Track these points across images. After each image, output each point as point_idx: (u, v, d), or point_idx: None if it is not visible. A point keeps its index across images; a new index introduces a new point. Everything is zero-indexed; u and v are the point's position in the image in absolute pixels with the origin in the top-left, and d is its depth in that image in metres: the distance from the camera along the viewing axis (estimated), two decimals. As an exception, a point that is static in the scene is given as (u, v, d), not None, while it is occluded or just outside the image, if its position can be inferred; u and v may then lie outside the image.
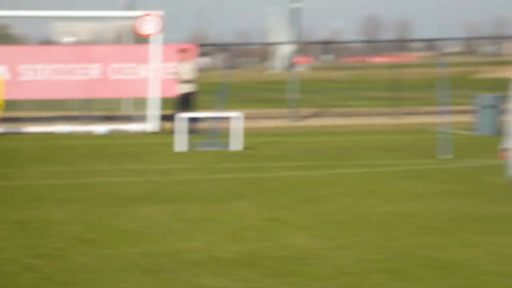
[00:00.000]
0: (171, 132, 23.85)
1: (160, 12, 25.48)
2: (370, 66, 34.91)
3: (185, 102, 24.81)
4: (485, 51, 65.41)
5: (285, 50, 58.52)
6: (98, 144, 22.69)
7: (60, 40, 29.44)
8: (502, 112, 21.31)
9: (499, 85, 30.88)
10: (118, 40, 29.58)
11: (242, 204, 12.69)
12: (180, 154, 19.63)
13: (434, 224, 10.75)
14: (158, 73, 25.57)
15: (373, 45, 39.14)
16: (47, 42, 31.84)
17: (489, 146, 19.08)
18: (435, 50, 62.66)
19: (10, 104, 26.33)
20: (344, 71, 38.45)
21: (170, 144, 20.74)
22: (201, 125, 24.11)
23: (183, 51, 25.82)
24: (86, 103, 28.30)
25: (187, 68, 25.10)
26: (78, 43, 28.92)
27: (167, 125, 25.16)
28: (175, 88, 25.79)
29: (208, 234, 10.17)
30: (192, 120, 22.70)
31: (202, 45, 37.84)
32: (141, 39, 26.59)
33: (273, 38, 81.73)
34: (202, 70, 30.42)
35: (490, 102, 23.20)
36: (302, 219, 11.30)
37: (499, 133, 18.49)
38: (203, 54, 37.84)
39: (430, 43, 64.52)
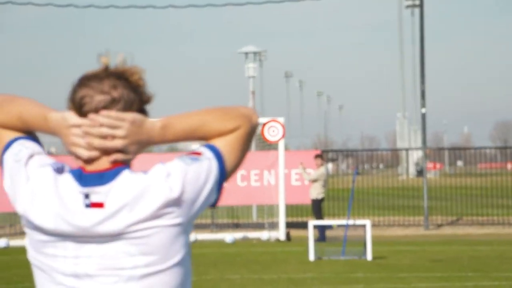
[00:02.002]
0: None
1: (281, 119, 24.26)
2: (506, 173, 33.06)
3: (318, 208, 24.40)
4: None
5: (415, 155, 56.74)
6: (226, 252, 22.81)
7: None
8: None
9: None
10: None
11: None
12: (310, 262, 19.47)
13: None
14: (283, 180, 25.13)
15: (509, 151, 37.66)
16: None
17: None
18: None
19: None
20: (477, 178, 37.54)
21: (298, 252, 20.77)
22: (329, 233, 23.96)
23: (318, 156, 25.22)
24: (214, 211, 28.09)
25: (321, 174, 24.67)
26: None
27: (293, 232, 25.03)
28: (301, 194, 25.71)
29: None
30: (321, 227, 22.65)
31: (325, 151, 37.14)
32: (265, 145, 26.54)
33: (400, 143, 78.28)
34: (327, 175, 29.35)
35: None
36: None
37: None
38: (327, 160, 37.10)
39: None
